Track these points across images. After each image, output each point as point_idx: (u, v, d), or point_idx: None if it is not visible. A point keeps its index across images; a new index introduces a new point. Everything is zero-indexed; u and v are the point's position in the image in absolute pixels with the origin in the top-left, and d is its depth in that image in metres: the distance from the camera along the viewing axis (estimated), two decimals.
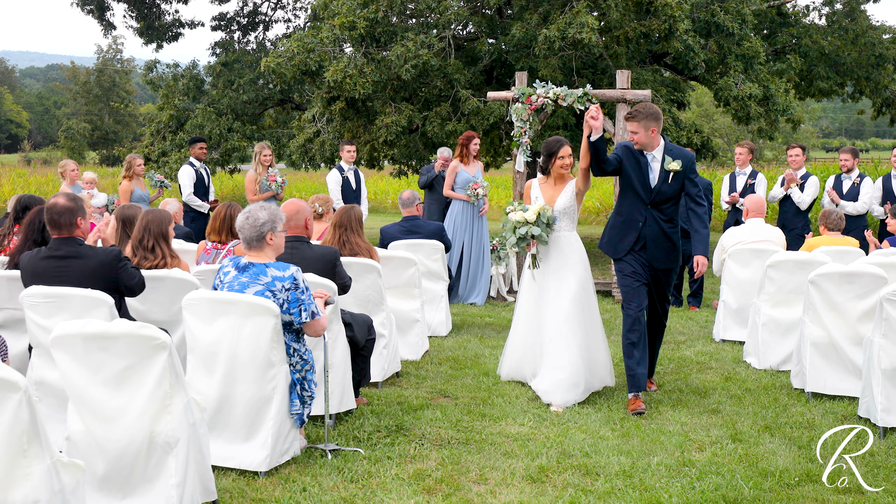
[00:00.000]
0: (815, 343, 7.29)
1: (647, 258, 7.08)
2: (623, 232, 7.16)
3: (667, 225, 7.09)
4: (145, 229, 6.39)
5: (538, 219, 7.20)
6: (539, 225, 7.20)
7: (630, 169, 7.08)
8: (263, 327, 5.32)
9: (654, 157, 7.06)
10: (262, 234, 5.37)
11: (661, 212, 7.08)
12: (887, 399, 6.27)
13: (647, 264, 7.09)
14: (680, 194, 7.13)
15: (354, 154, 12.69)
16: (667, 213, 7.11)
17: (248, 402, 5.40)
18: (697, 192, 7.10)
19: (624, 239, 7.14)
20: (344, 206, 7.87)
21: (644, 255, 7.08)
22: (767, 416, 6.75)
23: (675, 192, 7.07)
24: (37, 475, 3.57)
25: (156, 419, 4.46)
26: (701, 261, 7.04)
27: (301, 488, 5.18)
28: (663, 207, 7.09)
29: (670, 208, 7.12)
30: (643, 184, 7.04)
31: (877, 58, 19.55)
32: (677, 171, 6.99)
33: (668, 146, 7.09)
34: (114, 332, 4.37)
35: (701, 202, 7.11)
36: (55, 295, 5.47)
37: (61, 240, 5.62)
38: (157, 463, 4.49)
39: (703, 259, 7.05)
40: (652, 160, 7.05)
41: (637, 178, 7.05)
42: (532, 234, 7.17)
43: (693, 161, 7.10)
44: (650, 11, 15.14)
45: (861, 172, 11.77)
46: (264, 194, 11.99)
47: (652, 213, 7.07)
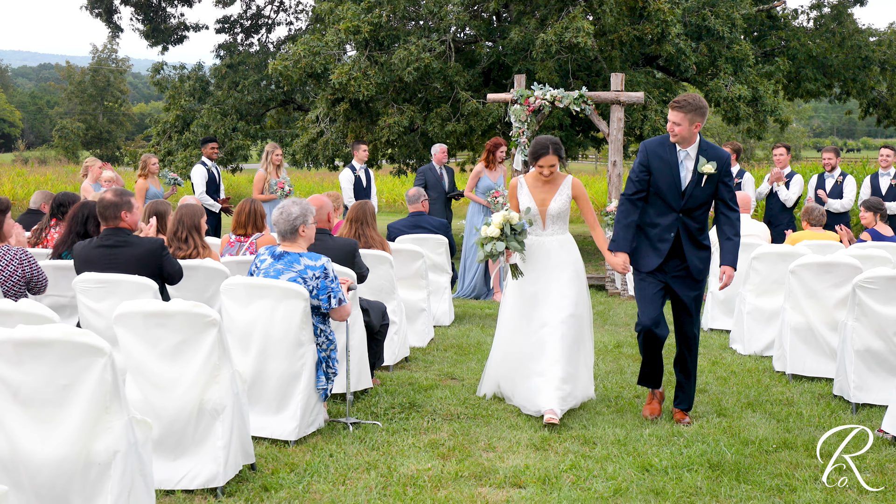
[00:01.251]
0: (795, 328, 7.90)
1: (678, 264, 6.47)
2: (655, 244, 6.47)
3: (696, 231, 6.46)
4: (180, 222, 6.97)
5: (502, 232, 6.62)
6: (505, 239, 6.62)
7: (658, 171, 6.39)
8: (294, 310, 5.90)
9: (687, 154, 6.37)
10: (295, 227, 5.96)
11: (693, 219, 6.43)
12: (859, 377, 6.88)
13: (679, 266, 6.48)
14: (712, 199, 6.46)
15: (367, 154, 13.29)
16: (699, 220, 6.47)
17: (279, 377, 5.98)
18: (731, 197, 6.45)
19: (656, 252, 6.45)
20: (358, 201, 8.45)
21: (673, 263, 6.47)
22: (750, 394, 7.35)
23: (707, 196, 6.40)
24: (117, 428, 4.14)
25: (205, 388, 5.04)
26: (728, 272, 6.45)
27: (328, 454, 5.76)
28: (695, 214, 6.43)
29: (703, 215, 6.48)
30: (674, 188, 6.35)
31: (863, 60, 20.18)
32: (711, 174, 6.31)
33: (703, 144, 6.39)
34: (171, 310, 4.94)
35: (735, 208, 6.48)
36: (105, 280, 6.04)
37: (111, 230, 6.19)
38: (206, 427, 5.06)
39: (730, 270, 6.46)
40: (685, 158, 6.37)
41: (666, 181, 6.37)
42: (497, 251, 6.61)
43: (728, 162, 6.45)
44: (643, 16, 15.78)
45: (843, 171, 12.40)
46: (271, 195, 12.52)
47: (683, 220, 6.41)
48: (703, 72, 17.14)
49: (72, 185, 29.51)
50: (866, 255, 8.47)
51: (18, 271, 6.29)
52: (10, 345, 4.05)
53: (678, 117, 6.25)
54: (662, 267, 6.44)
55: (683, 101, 6.26)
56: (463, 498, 5.03)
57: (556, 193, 6.86)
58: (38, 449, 4.09)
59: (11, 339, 4.04)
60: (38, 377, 4.07)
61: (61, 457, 4.09)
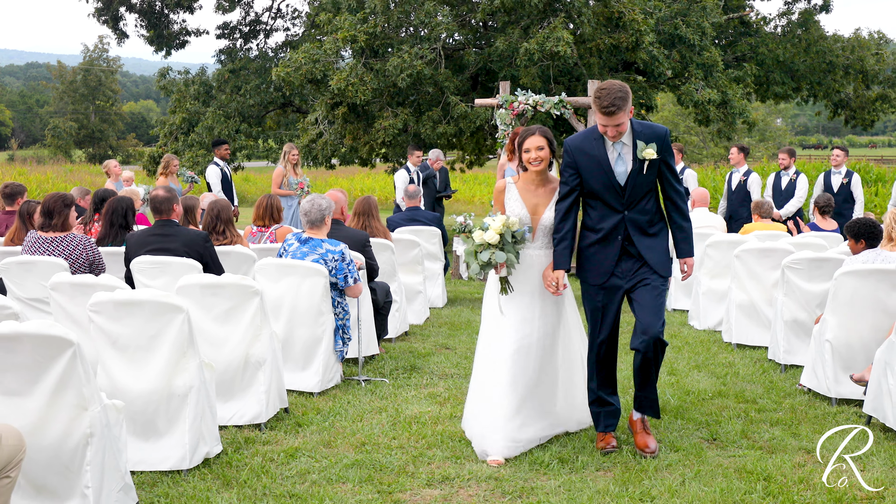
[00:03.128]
0: (739, 305, 9.21)
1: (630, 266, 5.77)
2: (602, 251, 5.79)
3: (646, 224, 5.75)
4: (217, 217, 8.22)
5: (502, 239, 5.69)
6: (505, 247, 5.70)
7: (587, 170, 5.68)
8: (317, 286, 7.17)
9: (624, 144, 5.62)
10: (322, 217, 7.24)
11: (640, 212, 5.71)
12: (788, 343, 8.19)
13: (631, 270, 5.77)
14: (656, 183, 5.75)
15: (421, 157, 14.67)
16: (647, 211, 5.73)
17: (304, 341, 7.25)
18: (674, 175, 5.75)
19: (605, 260, 5.77)
20: (363, 197, 9.73)
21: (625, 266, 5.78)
22: (699, 360, 8.65)
23: (651, 182, 5.68)
24: (192, 369, 5.40)
25: (250, 345, 6.30)
26: (689, 262, 5.90)
27: (346, 402, 7.03)
28: (642, 206, 5.71)
29: (650, 203, 5.74)
30: (609, 186, 5.63)
31: (827, 65, 21.53)
32: (653, 158, 5.59)
33: (635, 127, 5.63)
34: (223, 283, 6.21)
35: (678, 186, 5.80)
36: (159, 262, 7.29)
37: (162, 221, 7.44)
38: (251, 376, 6.32)
39: (690, 260, 5.90)
40: (623, 149, 5.62)
41: (599, 179, 5.65)
42: (497, 262, 5.68)
43: (667, 137, 5.66)
44: (619, 26, 17.12)
45: (797, 170, 13.73)
46: (289, 192, 13.76)
47: (630, 218, 5.70)
48: (676, 77, 18.47)
49: (72, 183, 30.68)
50: (805, 242, 9.79)
51: (83, 256, 7.52)
52: (111, 304, 5.31)
53: (618, 118, 5.47)
54: (615, 272, 5.76)
55: (612, 101, 5.39)
56: (456, 431, 6.28)
57: (552, 200, 5.88)
58: (132, 384, 5.34)
59: (112, 300, 5.31)
60: (133, 329, 5.33)
61: (150, 390, 5.35)
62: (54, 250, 7.44)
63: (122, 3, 23.17)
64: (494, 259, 5.66)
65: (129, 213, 8.53)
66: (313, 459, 5.69)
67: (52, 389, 4.30)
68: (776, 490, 5.14)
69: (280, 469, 5.51)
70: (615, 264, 5.74)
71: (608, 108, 5.41)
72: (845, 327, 6.94)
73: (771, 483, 5.25)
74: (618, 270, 5.77)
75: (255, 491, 5.15)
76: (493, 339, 5.96)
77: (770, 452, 5.84)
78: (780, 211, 13.18)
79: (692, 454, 5.78)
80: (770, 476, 5.35)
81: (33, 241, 7.50)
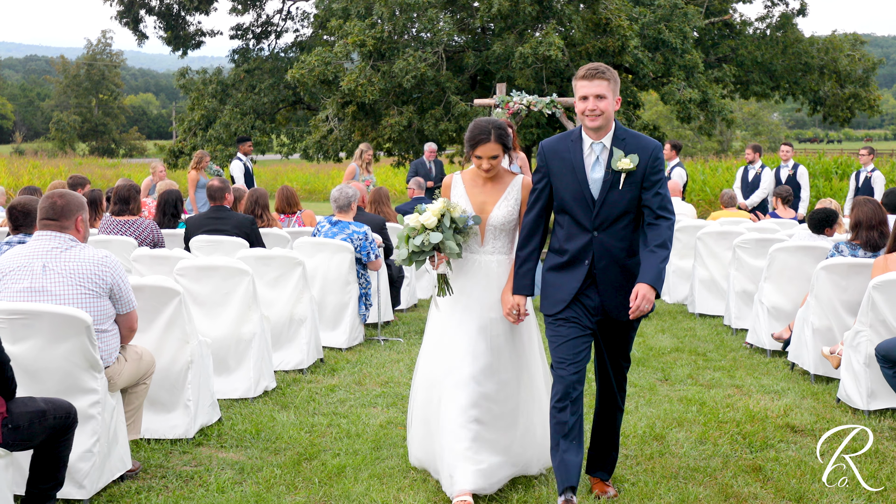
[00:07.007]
0: (701, 280, 10.75)
1: (598, 302, 4.76)
2: (562, 277, 4.82)
3: (623, 254, 4.74)
4: (256, 203, 9.73)
5: (440, 222, 4.93)
6: (442, 230, 4.90)
7: (559, 176, 4.79)
8: (344, 260, 8.70)
9: (603, 147, 4.73)
10: (349, 202, 8.78)
11: (611, 235, 4.72)
12: (738, 310, 9.73)
13: (599, 308, 4.77)
14: (638, 205, 4.73)
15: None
16: (621, 236, 4.73)
17: (334, 306, 8.79)
18: (661, 203, 4.68)
19: (564, 287, 4.79)
20: (375, 188, 11.26)
21: (594, 299, 4.76)
22: (665, 326, 10.19)
23: (629, 201, 4.69)
24: (255, 320, 6.93)
25: (294, 305, 7.83)
26: (642, 292, 4.53)
27: (370, 355, 8.57)
28: (615, 228, 4.72)
29: (625, 228, 4.74)
30: (580, 196, 4.72)
31: (803, 66, 23.01)
32: (630, 171, 4.66)
33: (619, 132, 4.75)
34: (273, 255, 7.75)
35: (668, 215, 4.68)
36: (213, 241, 8.81)
37: (217, 207, 8.96)
38: (295, 331, 7.85)
39: (645, 288, 4.54)
40: (602, 152, 4.72)
41: (570, 188, 4.75)
42: (430, 242, 4.89)
43: (657, 153, 4.73)
44: (606, 31, 18.63)
45: (763, 164, 15.23)
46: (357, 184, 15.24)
47: (600, 239, 4.72)
48: (660, 78, 19.97)
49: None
50: (762, 226, 11.33)
51: (150, 236, 9.03)
52: (194, 269, 6.85)
53: (601, 88, 4.63)
54: (581, 302, 4.77)
55: (599, 68, 4.65)
56: None
57: (502, 198, 5.10)
58: (209, 331, 6.86)
59: (195, 265, 6.84)
60: (210, 288, 6.87)
61: (223, 336, 6.88)
62: (125, 231, 8.95)
63: (141, 7, 24.69)
64: (427, 241, 4.88)
65: (179, 202, 10.03)
66: (349, 392, 7.24)
67: (164, 327, 5.82)
68: (707, 411, 6.68)
69: (324, 398, 7.06)
70: (574, 294, 4.74)
71: (590, 69, 4.65)
72: (778, 292, 8.48)
73: (704, 406, 6.80)
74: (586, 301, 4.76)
75: (307, 411, 6.69)
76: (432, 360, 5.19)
77: (708, 388, 7.39)
78: (746, 201, 14.70)
79: (646, 389, 7.33)
80: (704, 402, 6.90)
81: (108, 223, 9.02)
